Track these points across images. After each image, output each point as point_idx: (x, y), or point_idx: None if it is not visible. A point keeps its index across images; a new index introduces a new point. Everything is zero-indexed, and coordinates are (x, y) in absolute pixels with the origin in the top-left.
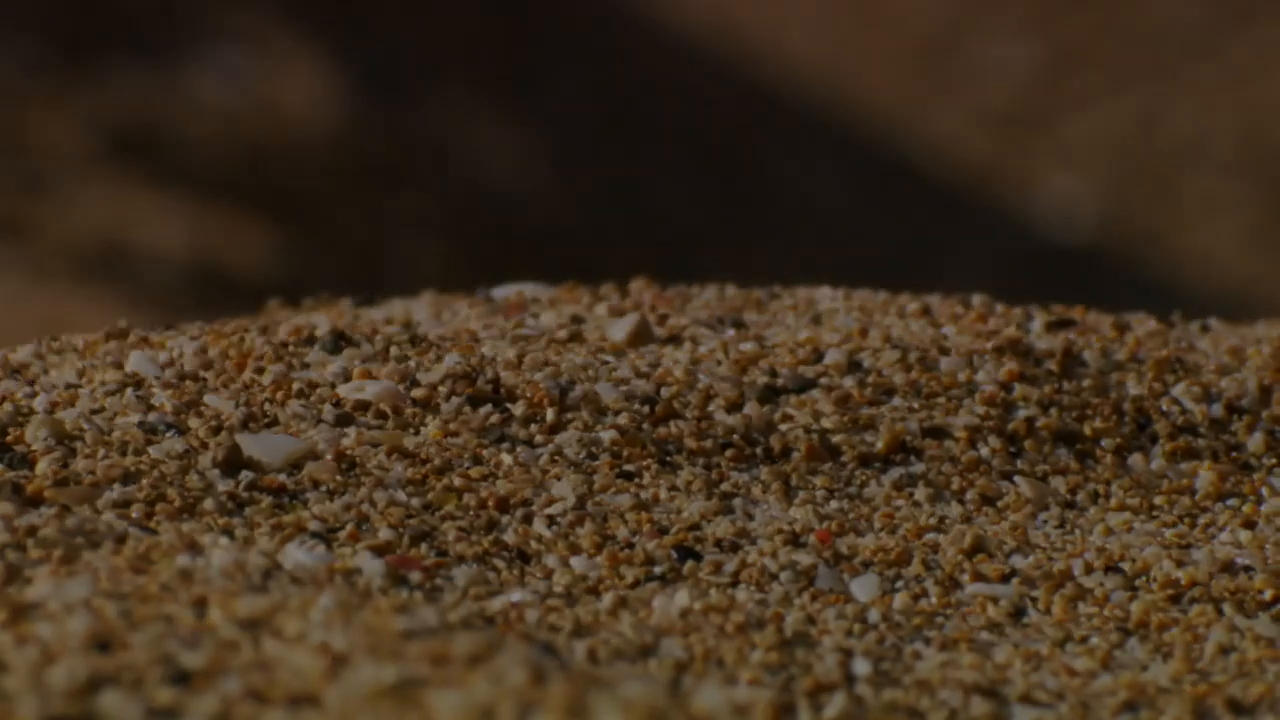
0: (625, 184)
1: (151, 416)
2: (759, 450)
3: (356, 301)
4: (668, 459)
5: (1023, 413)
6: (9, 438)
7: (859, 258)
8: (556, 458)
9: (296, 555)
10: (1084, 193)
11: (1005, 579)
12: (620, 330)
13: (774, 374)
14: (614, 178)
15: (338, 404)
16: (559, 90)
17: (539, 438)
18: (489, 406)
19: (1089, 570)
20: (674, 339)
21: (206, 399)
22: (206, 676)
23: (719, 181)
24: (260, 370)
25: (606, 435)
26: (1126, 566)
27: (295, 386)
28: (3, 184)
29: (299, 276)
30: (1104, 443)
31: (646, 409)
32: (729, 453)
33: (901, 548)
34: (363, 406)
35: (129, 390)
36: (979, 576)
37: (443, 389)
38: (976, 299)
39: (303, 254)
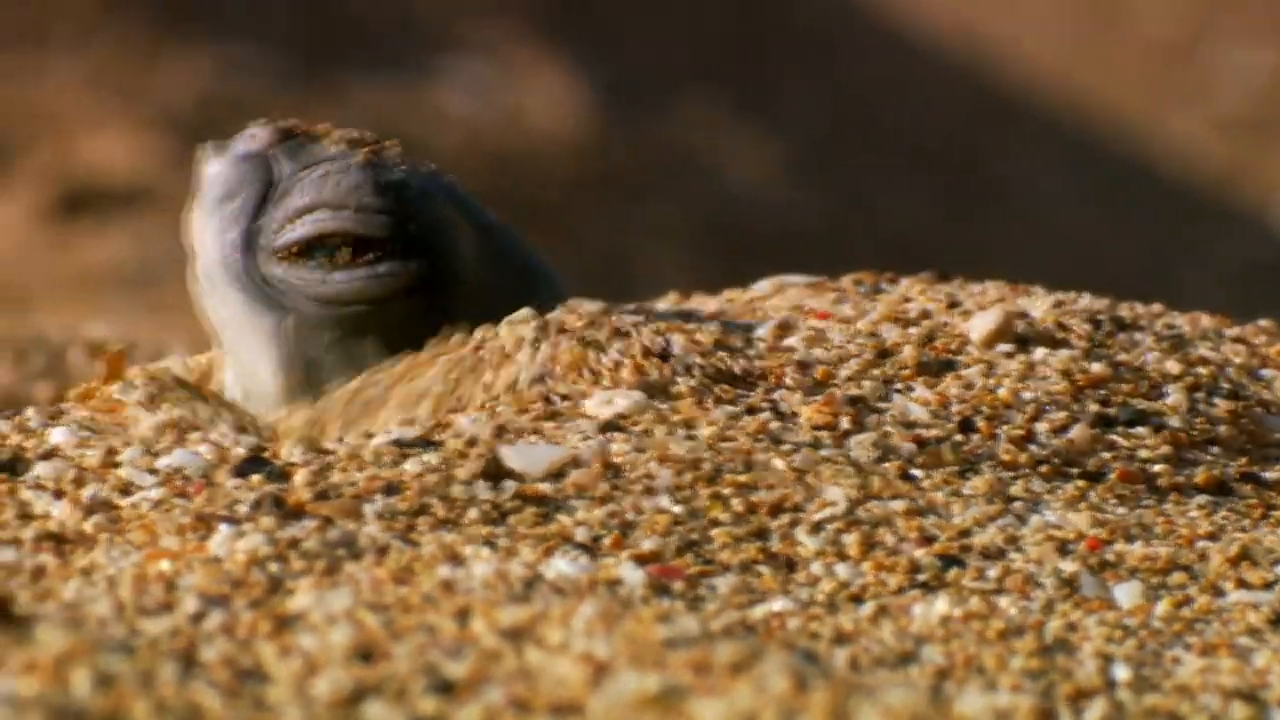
0: (864, 189)
1: (397, 433)
2: (1075, 471)
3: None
4: (968, 470)
5: None
6: (267, 453)
7: (1096, 264)
8: (839, 458)
9: (559, 565)
10: None
11: (1269, 586)
12: (981, 326)
13: (1107, 403)
14: (852, 183)
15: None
16: (798, 96)
17: (826, 438)
18: (768, 413)
19: None
20: (1039, 339)
21: (455, 419)
22: (470, 686)
23: (956, 187)
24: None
25: (906, 447)
26: None
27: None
28: None
29: None
30: None
31: (959, 430)
32: (1043, 468)
33: (1168, 555)
34: (621, 418)
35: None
36: (1242, 584)
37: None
38: None
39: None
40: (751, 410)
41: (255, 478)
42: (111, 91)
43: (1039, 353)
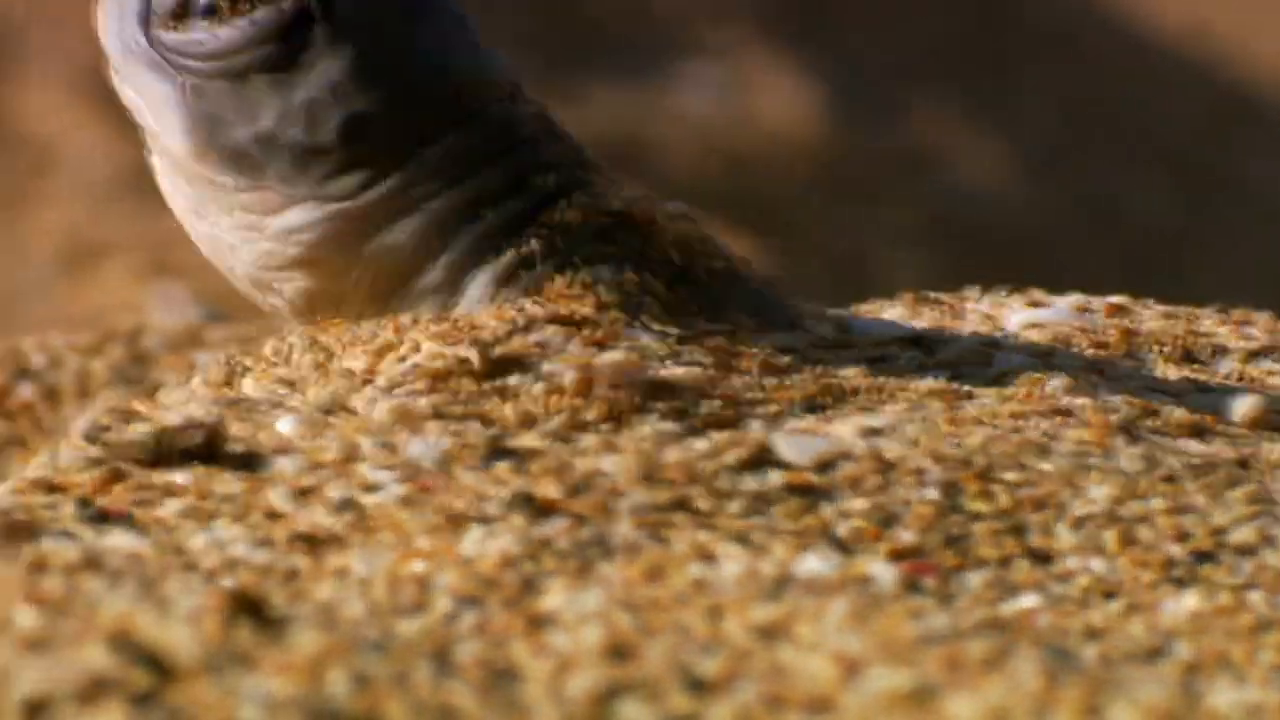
0: (1099, 190)
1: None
2: None
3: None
4: (1236, 484)
5: None
6: (507, 440)
7: None
8: (1107, 466)
9: (810, 563)
10: None
11: None
12: (1240, 410)
13: None
14: (1088, 184)
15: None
16: (1032, 96)
17: (1095, 449)
18: (1034, 433)
19: None
20: None
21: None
22: (723, 683)
23: (1192, 186)
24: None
25: (1177, 464)
26: None
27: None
28: None
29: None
30: None
31: (1237, 465)
32: None
33: None
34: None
35: None
36: None
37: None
38: None
39: (783, 264)
40: (1016, 430)
41: (500, 467)
42: None
43: None
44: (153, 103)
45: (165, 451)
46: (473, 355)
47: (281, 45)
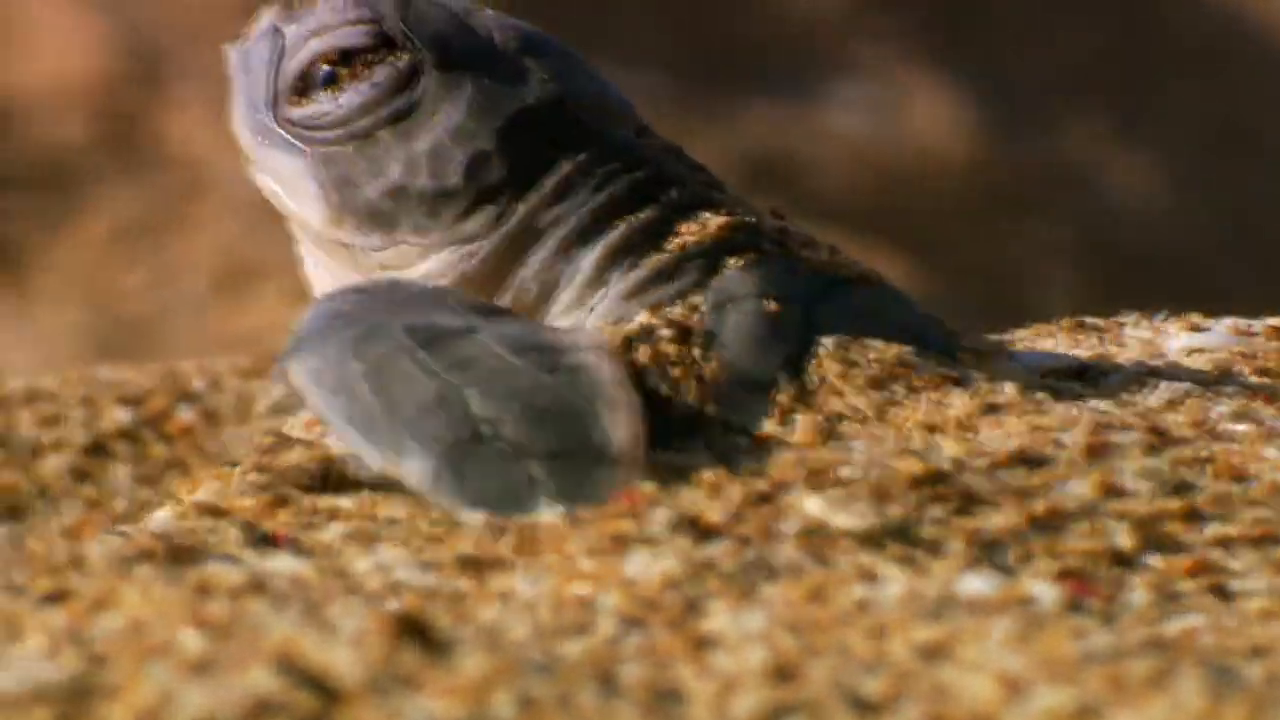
0: (1252, 207)
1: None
2: None
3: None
4: None
5: None
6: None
7: None
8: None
9: (972, 583)
10: None
11: None
12: None
13: None
14: (1240, 201)
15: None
16: (1182, 113)
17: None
18: (1201, 446)
19: None
20: None
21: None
22: (886, 703)
23: None
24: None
25: None
26: None
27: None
28: None
29: (931, 305)
30: None
31: None
32: None
33: None
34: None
35: None
36: None
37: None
38: None
39: (934, 282)
40: (1178, 456)
41: (663, 491)
42: None
43: None
44: (287, 181)
45: (331, 477)
46: None
47: (400, 99)
